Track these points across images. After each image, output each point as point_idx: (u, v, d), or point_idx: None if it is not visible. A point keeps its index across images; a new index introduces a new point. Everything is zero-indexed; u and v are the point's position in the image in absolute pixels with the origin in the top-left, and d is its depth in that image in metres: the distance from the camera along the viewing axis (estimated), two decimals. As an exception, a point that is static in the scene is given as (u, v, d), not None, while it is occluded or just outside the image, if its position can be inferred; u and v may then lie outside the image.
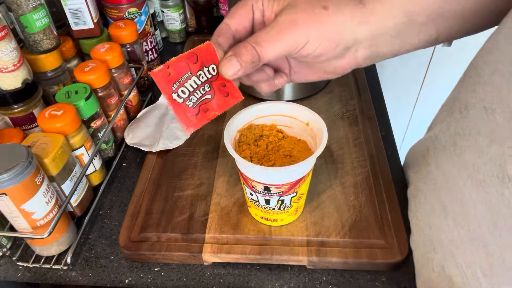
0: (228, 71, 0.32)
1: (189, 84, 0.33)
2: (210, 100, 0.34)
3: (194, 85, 0.33)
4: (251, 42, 0.32)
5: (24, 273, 0.46)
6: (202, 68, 0.33)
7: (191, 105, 0.33)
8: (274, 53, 0.32)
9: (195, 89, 0.33)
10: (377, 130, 0.58)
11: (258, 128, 0.45)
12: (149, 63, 0.75)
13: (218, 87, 0.35)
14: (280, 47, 0.32)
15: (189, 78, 0.33)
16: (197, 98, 0.33)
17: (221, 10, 0.83)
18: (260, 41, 0.32)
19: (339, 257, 0.43)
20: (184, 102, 0.33)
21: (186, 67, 0.32)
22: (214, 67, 0.34)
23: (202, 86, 0.34)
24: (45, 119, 0.46)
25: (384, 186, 0.50)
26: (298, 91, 0.65)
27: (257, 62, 0.32)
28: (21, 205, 0.39)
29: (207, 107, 0.34)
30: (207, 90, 0.34)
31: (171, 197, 0.51)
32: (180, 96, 0.33)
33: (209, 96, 0.34)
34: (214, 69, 0.34)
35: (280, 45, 0.32)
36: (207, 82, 0.34)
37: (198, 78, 0.33)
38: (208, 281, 0.44)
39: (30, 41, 0.51)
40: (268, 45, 0.32)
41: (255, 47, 0.31)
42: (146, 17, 0.70)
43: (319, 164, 0.54)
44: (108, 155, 0.57)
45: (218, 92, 0.35)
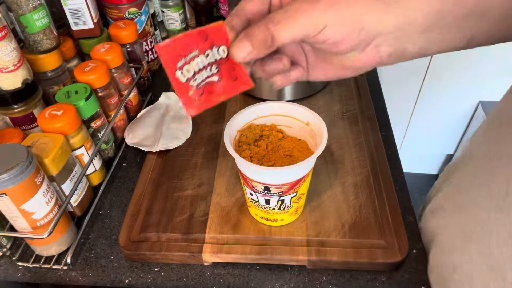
0: (239, 53, 0.30)
1: (195, 63, 0.30)
2: (217, 82, 0.32)
3: (201, 65, 0.30)
4: (265, 22, 0.29)
5: (24, 273, 0.46)
6: (212, 48, 0.30)
7: (194, 86, 0.31)
8: (289, 35, 0.29)
9: (201, 68, 0.31)
10: (377, 130, 0.58)
11: (258, 128, 0.45)
12: (149, 63, 0.74)
13: (226, 70, 0.32)
14: (296, 29, 0.29)
15: (196, 56, 0.30)
16: (202, 78, 0.31)
17: (221, 10, 0.83)
18: (274, 21, 0.29)
19: (339, 257, 0.43)
20: (188, 82, 0.30)
21: (194, 44, 0.29)
22: (224, 49, 0.31)
23: (210, 67, 0.31)
24: (45, 119, 0.46)
25: (384, 186, 0.50)
26: (298, 91, 0.65)
27: (270, 43, 0.29)
28: (21, 205, 0.39)
29: (212, 90, 0.32)
30: (214, 71, 0.31)
31: (171, 197, 0.51)
32: (184, 75, 0.30)
33: (216, 78, 0.32)
34: (225, 51, 0.31)
35: (296, 27, 0.29)
36: (215, 63, 0.31)
37: (206, 57, 0.30)
38: (208, 281, 0.44)
39: (30, 41, 0.51)
40: (282, 26, 0.29)
41: (269, 27, 0.29)
42: (146, 17, 0.70)
43: (319, 164, 0.54)
44: (108, 155, 0.57)
45: (226, 76, 0.32)
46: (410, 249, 0.46)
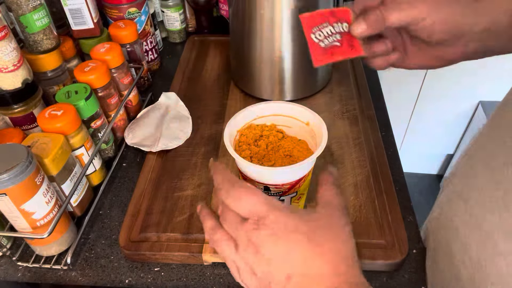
0: (357, 29, 0.39)
1: (325, 31, 0.41)
2: (338, 47, 0.42)
3: (329, 32, 0.42)
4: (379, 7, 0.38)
5: (24, 273, 0.46)
6: (337, 22, 0.42)
7: (322, 46, 0.42)
8: (396, 19, 0.37)
9: (329, 35, 0.42)
10: (377, 130, 0.58)
11: (258, 128, 0.45)
12: (149, 63, 0.75)
13: (346, 40, 0.42)
14: (404, 15, 0.37)
15: (326, 27, 0.42)
16: (328, 42, 0.42)
17: (221, 10, 0.83)
18: (387, 7, 0.37)
19: (339, 257, 0.43)
20: (318, 43, 0.42)
21: (325, 18, 0.42)
22: (346, 25, 0.42)
23: (335, 35, 0.42)
24: (45, 119, 0.46)
25: (384, 186, 0.50)
26: (298, 91, 0.65)
27: (382, 22, 0.38)
28: (21, 205, 0.39)
29: (334, 52, 0.42)
30: (337, 38, 0.42)
31: (171, 197, 0.51)
32: (316, 38, 0.42)
33: (338, 43, 0.42)
34: (347, 26, 0.42)
35: (404, 14, 0.37)
36: (339, 34, 0.42)
37: (333, 28, 0.42)
38: (208, 281, 0.44)
39: (30, 41, 0.51)
40: (393, 11, 0.37)
41: (382, 11, 0.37)
42: (146, 17, 0.70)
43: (319, 164, 0.54)
44: (108, 155, 0.57)
45: (346, 43, 0.42)
46: (410, 249, 0.46)
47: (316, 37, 0.42)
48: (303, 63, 0.62)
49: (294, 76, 0.63)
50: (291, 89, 0.64)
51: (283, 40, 0.59)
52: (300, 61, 0.62)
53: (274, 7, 0.56)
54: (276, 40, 0.59)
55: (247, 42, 0.62)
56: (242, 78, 0.67)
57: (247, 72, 0.65)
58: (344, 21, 0.42)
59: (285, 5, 0.56)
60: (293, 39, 0.59)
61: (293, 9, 0.56)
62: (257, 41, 0.60)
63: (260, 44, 0.60)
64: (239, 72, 0.68)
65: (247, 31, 0.60)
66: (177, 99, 0.64)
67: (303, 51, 0.61)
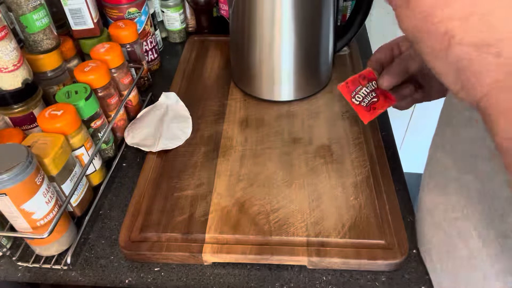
0: (384, 83, 0.47)
1: (361, 93, 0.49)
2: (376, 102, 0.49)
3: (365, 93, 0.49)
4: (398, 60, 0.45)
5: (24, 273, 0.46)
6: (368, 82, 0.49)
7: (364, 105, 0.49)
8: (417, 64, 0.44)
9: (366, 95, 0.49)
10: (377, 130, 0.58)
11: None
12: (149, 63, 0.75)
13: (381, 94, 0.50)
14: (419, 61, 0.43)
15: (361, 89, 0.49)
16: (368, 100, 0.49)
17: (221, 10, 0.83)
18: (404, 58, 0.45)
19: (339, 257, 0.43)
20: (360, 104, 0.49)
21: (358, 83, 0.49)
22: (375, 82, 0.49)
23: (370, 93, 0.49)
24: (45, 119, 0.46)
25: (384, 186, 0.50)
26: (298, 91, 0.65)
27: (405, 72, 0.45)
28: (21, 205, 0.39)
29: (375, 106, 0.49)
30: (373, 95, 0.49)
31: (171, 197, 0.51)
32: (357, 100, 0.49)
33: (375, 99, 0.49)
34: (375, 84, 0.49)
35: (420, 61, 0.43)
36: (373, 91, 0.49)
37: (367, 88, 0.49)
38: (208, 281, 0.44)
39: (30, 41, 0.51)
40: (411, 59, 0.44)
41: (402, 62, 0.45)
42: (146, 17, 0.70)
43: (319, 164, 0.54)
44: (108, 155, 0.57)
45: (381, 96, 0.50)
46: (410, 249, 0.46)
47: (356, 99, 0.49)
48: (303, 63, 0.62)
49: (294, 76, 0.63)
50: (291, 89, 0.64)
51: (283, 40, 0.59)
52: (300, 61, 0.62)
53: (274, 7, 0.56)
54: (276, 40, 0.59)
55: (247, 42, 0.62)
56: (242, 78, 0.67)
57: (247, 72, 0.65)
58: (372, 79, 0.49)
59: (285, 5, 0.56)
60: (293, 39, 0.59)
61: (293, 9, 0.56)
62: (257, 41, 0.60)
63: (260, 44, 0.60)
64: (239, 72, 0.68)
65: (247, 31, 0.60)
66: (177, 99, 0.64)
67: (303, 52, 0.61)
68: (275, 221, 0.47)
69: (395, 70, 0.45)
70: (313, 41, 0.61)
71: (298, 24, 0.58)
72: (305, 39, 0.60)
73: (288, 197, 0.50)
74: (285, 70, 0.62)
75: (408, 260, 0.45)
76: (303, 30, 0.59)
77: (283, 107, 0.64)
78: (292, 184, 0.51)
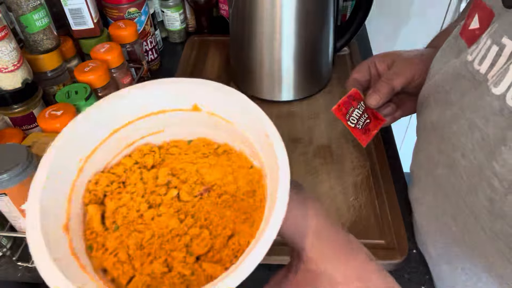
0: (374, 101, 0.48)
1: (354, 114, 0.49)
2: (369, 123, 0.50)
3: (358, 114, 0.49)
4: (384, 79, 0.48)
5: (24, 273, 0.46)
6: (359, 103, 0.49)
7: (360, 127, 0.49)
8: (402, 82, 0.47)
9: (359, 116, 0.49)
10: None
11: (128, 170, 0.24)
12: (149, 63, 0.74)
13: (371, 114, 0.51)
14: (404, 78, 0.47)
15: (353, 111, 0.49)
16: (362, 122, 0.49)
17: (221, 10, 0.83)
18: (390, 77, 0.48)
19: (339, 257, 0.43)
20: (355, 126, 0.49)
21: (349, 104, 0.49)
22: (363, 102, 0.49)
23: (363, 115, 0.49)
24: (45, 119, 0.45)
25: (384, 186, 0.50)
26: (298, 91, 0.65)
27: (392, 90, 0.48)
28: (21, 205, 0.39)
29: (369, 128, 0.50)
30: (366, 116, 0.50)
31: (171, 197, 0.50)
32: (352, 122, 0.48)
33: (368, 120, 0.50)
34: (363, 104, 0.50)
35: (404, 77, 0.47)
36: (365, 112, 0.49)
37: (359, 109, 0.49)
38: (208, 281, 0.44)
39: (30, 41, 0.51)
40: (396, 77, 0.48)
41: (388, 81, 0.48)
42: (146, 17, 0.70)
43: (319, 164, 0.54)
44: (108, 155, 0.57)
45: (372, 118, 0.50)
46: (410, 249, 0.46)
47: (351, 122, 0.49)
48: (303, 63, 0.62)
49: (294, 76, 0.63)
50: (291, 89, 0.64)
51: (283, 40, 0.59)
52: (300, 61, 0.62)
53: (274, 7, 0.56)
54: (276, 40, 0.59)
55: (247, 42, 0.62)
56: (242, 78, 0.67)
57: (247, 72, 0.65)
58: (360, 100, 0.50)
59: (285, 5, 0.56)
60: (293, 39, 0.59)
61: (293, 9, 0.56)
62: (257, 41, 0.60)
63: (260, 44, 0.60)
64: (239, 72, 0.68)
65: (247, 31, 0.60)
66: (177, 99, 0.64)
67: (303, 52, 0.61)
68: (275, 221, 0.47)
69: (383, 89, 0.48)
70: (313, 41, 0.61)
71: (298, 24, 0.58)
72: (305, 39, 0.60)
73: (288, 197, 0.50)
74: (285, 70, 0.62)
75: (408, 260, 0.45)
76: (303, 30, 0.59)
77: (283, 107, 0.64)
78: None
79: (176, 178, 0.23)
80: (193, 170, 0.23)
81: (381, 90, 0.48)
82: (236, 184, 0.23)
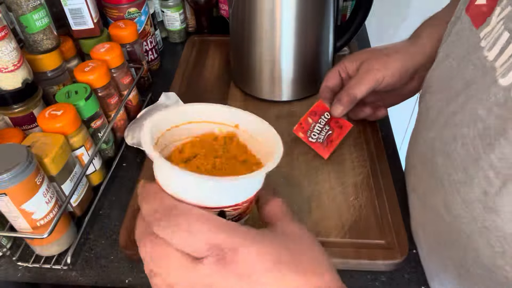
0: (336, 112, 0.50)
1: (315, 130, 0.52)
2: (332, 134, 0.52)
3: (319, 128, 0.52)
4: (346, 89, 0.49)
5: (24, 273, 0.46)
6: (320, 116, 0.52)
7: (321, 141, 0.52)
8: (363, 90, 0.48)
9: (320, 130, 0.52)
10: (377, 130, 0.58)
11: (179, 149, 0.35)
12: (149, 63, 0.74)
13: (334, 124, 0.52)
14: (367, 85, 0.48)
15: (314, 126, 0.52)
16: (323, 135, 0.52)
17: (221, 10, 0.83)
18: (351, 86, 0.49)
19: (339, 257, 0.43)
20: (316, 141, 0.52)
21: (310, 120, 0.52)
22: (327, 113, 0.52)
23: (324, 127, 0.52)
24: (45, 119, 0.46)
25: (384, 186, 0.50)
26: (298, 91, 0.65)
27: (354, 99, 0.49)
28: (21, 205, 0.39)
29: (331, 139, 0.52)
30: (328, 128, 0.52)
31: (171, 197, 0.51)
32: (313, 138, 0.52)
33: (330, 132, 0.52)
34: (328, 114, 0.52)
35: (366, 84, 0.48)
36: (327, 124, 0.52)
37: (320, 123, 0.52)
38: (208, 281, 0.44)
39: (30, 41, 0.51)
40: (357, 86, 0.49)
41: (349, 91, 0.49)
42: (146, 17, 0.70)
43: (319, 164, 0.54)
44: (108, 155, 0.57)
45: (335, 126, 0.52)
46: (410, 249, 0.46)
47: (312, 138, 0.51)
48: (303, 63, 0.62)
49: (294, 76, 0.63)
50: (291, 89, 0.64)
51: (283, 40, 0.59)
52: (300, 61, 0.62)
53: (274, 7, 0.56)
54: (276, 40, 0.59)
55: (247, 42, 0.62)
56: (242, 78, 0.67)
57: (247, 72, 0.65)
58: (324, 111, 0.52)
59: (285, 5, 0.56)
60: (293, 39, 0.59)
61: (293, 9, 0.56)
62: (257, 41, 0.60)
63: (260, 44, 0.60)
64: (239, 72, 0.68)
65: (247, 31, 0.60)
66: (177, 99, 0.64)
67: (303, 52, 0.61)
68: (275, 221, 0.47)
69: (344, 99, 0.49)
70: (313, 41, 0.61)
71: (298, 24, 0.58)
72: (305, 39, 0.60)
73: (288, 197, 0.50)
74: (285, 70, 0.62)
75: (408, 260, 0.45)
76: (303, 30, 0.59)
77: (283, 107, 0.64)
78: (292, 184, 0.51)
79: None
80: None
81: (342, 100, 0.49)
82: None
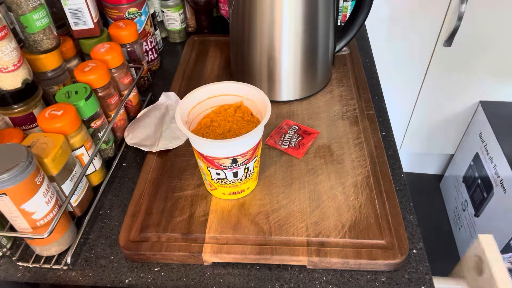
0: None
1: (286, 138, 0.57)
2: (302, 139, 0.57)
3: (289, 137, 0.57)
4: None
5: (24, 273, 0.46)
6: (289, 128, 0.59)
7: (293, 145, 0.56)
8: None
9: (291, 138, 0.57)
10: (377, 130, 0.58)
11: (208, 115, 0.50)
12: (149, 63, 0.75)
13: (303, 133, 0.58)
14: None
15: (285, 136, 0.58)
16: (294, 141, 0.57)
17: (221, 10, 0.83)
18: None
19: (339, 257, 0.43)
20: (289, 146, 0.56)
21: (280, 131, 0.59)
22: (295, 126, 0.59)
23: (294, 135, 0.58)
24: (45, 119, 0.46)
25: (384, 186, 0.50)
26: (298, 91, 0.65)
27: None
28: (21, 205, 0.39)
29: (303, 143, 0.57)
30: (297, 135, 0.58)
31: (171, 197, 0.51)
32: (285, 144, 0.57)
33: (300, 138, 0.57)
34: (296, 127, 0.59)
35: None
36: (296, 132, 0.58)
37: (289, 133, 0.58)
38: (208, 281, 0.44)
39: (30, 41, 0.51)
40: None
41: None
42: (146, 17, 0.70)
43: (319, 164, 0.54)
44: (108, 155, 0.57)
45: (305, 135, 0.58)
46: (410, 249, 0.46)
47: (284, 145, 0.56)
48: (303, 63, 0.62)
49: (294, 76, 0.63)
50: (291, 89, 0.64)
51: (283, 40, 0.59)
52: (300, 61, 0.62)
53: (274, 7, 0.56)
54: (276, 40, 0.59)
55: (247, 42, 0.62)
56: (242, 78, 0.67)
57: (247, 72, 0.65)
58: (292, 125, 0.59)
59: (285, 5, 0.56)
60: (293, 39, 0.59)
61: (293, 9, 0.56)
62: (257, 41, 0.60)
63: (260, 44, 0.60)
64: (239, 72, 0.68)
65: (247, 31, 0.60)
66: (177, 99, 0.64)
67: (303, 52, 0.61)
68: (275, 221, 0.47)
69: None
70: (313, 41, 0.61)
71: (298, 24, 0.58)
72: (305, 39, 0.60)
73: (288, 197, 0.50)
74: (285, 70, 0.62)
75: (408, 260, 0.45)
76: (303, 30, 0.59)
77: (283, 107, 0.64)
78: (292, 184, 0.51)
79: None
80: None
81: None
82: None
